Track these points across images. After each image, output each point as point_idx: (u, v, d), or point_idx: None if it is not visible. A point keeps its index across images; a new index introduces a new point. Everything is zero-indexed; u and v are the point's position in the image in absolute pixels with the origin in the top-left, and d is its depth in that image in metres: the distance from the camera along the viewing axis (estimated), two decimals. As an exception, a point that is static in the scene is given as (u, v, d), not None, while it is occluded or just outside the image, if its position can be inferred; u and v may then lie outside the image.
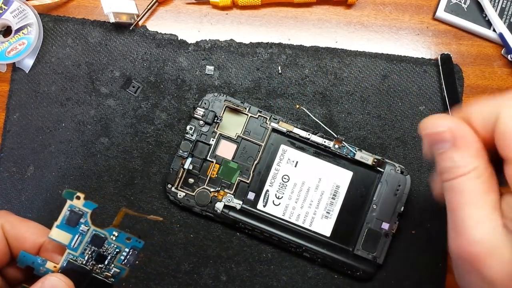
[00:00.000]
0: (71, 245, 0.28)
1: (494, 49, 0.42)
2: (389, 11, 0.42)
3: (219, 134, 0.38)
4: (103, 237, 0.29)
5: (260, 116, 0.39)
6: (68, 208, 0.29)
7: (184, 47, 0.41)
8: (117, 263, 0.29)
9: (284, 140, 0.39)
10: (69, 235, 0.28)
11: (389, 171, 0.38)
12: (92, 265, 0.29)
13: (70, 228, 0.29)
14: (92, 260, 0.29)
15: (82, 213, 0.29)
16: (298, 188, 0.38)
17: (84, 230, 0.29)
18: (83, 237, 0.29)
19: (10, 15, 0.39)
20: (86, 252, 0.29)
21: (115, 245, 0.29)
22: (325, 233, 0.38)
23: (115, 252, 0.29)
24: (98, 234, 0.29)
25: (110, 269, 0.29)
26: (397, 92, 0.41)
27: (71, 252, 0.28)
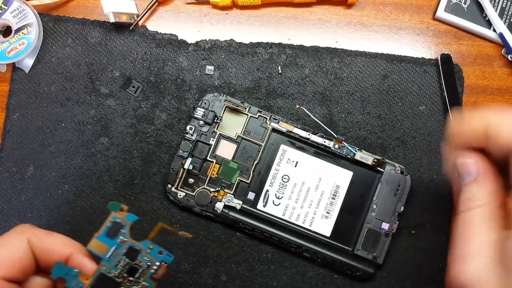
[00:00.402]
0: (107, 256, 0.29)
1: (494, 49, 0.42)
2: (389, 11, 0.42)
3: (219, 134, 0.38)
4: (138, 250, 0.29)
5: (260, 116, 0.39)
6: (111, 220, 0.29)
7: (184, 47, 0.41)
8: (147, 277, 0.29)
9: (284, 140, 0.39)
10: (106, 247, 0.29)
11: (389, 171, 0.38)
12: (122, 278, 0.29)
13: (109, 239, 0.29)
14: (124, 273, 0.29)
15: (122, 225, 0.29)
16: (298, 188, 0.38)
17: (121, 242, 0.29)
18: (119, 249, 0.29)
19: (10, 15, 0.39)
20: (120, 265, 0.29)
21: (148, 259, 0.29)
22: (325, 233, 0.38)
23: (146, 266, 0.29)
24: (133, 246, 0.29)
25: (139, 283, 0.29)
26: (397, 92, 0.41)
27: (105, 264, 0.28)
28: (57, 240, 0.28)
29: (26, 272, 0.27)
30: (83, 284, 0.28)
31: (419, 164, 0.40)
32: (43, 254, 0.27)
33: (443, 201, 0.40)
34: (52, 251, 0.27)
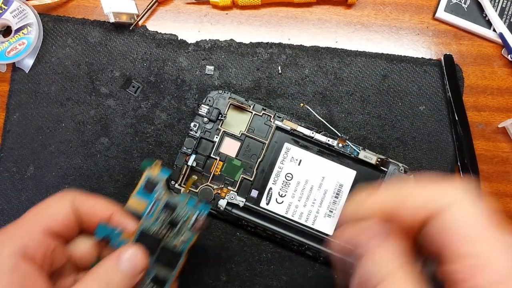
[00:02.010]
0: (146, 213, 0.29)
1: (494, 49, 0.42)
2: (389, 11, 0.43)
3: (223, 131, 0.38)
4: (175, 204, 0.30)
5: (264, 114, 0.39)
6: (146, 178, 0.30)
7: (184, 47, 0.41)
8: (187, 229, 0.30)
9: (288, 138, 0.39)
10: (144, 204, 0.30)
11: (392, 171, 0.38)
12: (163, 233, 0.30)
13: (146, 197, 0.30)
14: (164, 228, 0.30)
15: (157, 181, 0.30)
16: (301, 187, 0.38)
17: (158, 198, 0.30)
18: (156, 205, 0.30)
19: (10, 15, 0.39)
20: (159, 220, 0.29)
21: (185, 211, 0.30)
22: (328, 232, 0.38)
23: (185, 218, 0.30)
24: (170, 201, 0.30)
25: (180, 236, 0.30)
26: (397, 92, 0.41)
27: (145, 221, 0.29)
28: (99, 202, 0.29)
29: (70, 231, 0.28)
30: (127, 241, 0.29)
31: (419, 164, 0.40)
32: (86, 215, 0.28)
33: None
34: (94, 212, 0.28)
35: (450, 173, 0.40)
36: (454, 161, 0.41)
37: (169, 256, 0.30)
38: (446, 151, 0.41)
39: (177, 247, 0.30)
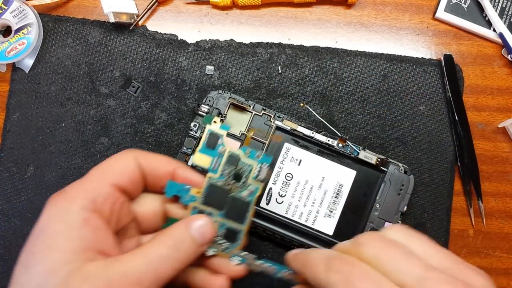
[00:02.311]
0: (211, 167, 0.30)
1: (494, 49, 0.42)
2: (389, 11, 0.43)
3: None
4: (237, 156, 0.30)
5: (264, 114, 0.39)
6: (208, 133, 0.31)
7: (184, 47, 0.41)
8: (252, 181, 0.31)
9: (288, 138, 0.39)
10: (209, 160, 0.30)
11: (392, 171, 0.38)
12: (230, 186, 0.30)
13: (209, 151, 0.30)
14: (230, 180, 0.30)
15: (219, 135, 0.31)
16: (301, 187, 0.38)
17: (221, 151, 0.30)
18: (220, 159, 0.30)
19: (10, 15, 0.39)
20: (225, 173, 0.30)
21: (248, 163, 0.31)
22: (328, 232, 0.38)
23: (249, 170, 0.31)
24: (233, 154, 0.30)
25: (246, 187, 0.31)
26: (397, 92, 0.41)
27: (212, 175, 0.30)
28: (160, 158, 0.29)
29: (136, 187, 0.28)
30: (197, 197, 0.30)
31: (419, 164, 0.40)
32: (149, 171, 0.28)
33: (443, 201, 0.40)
34: (157, 168, 0.29)
35: (450, 173, 0.40)
36: (454, 161, 0.41)
37: (238, 208, 0.30)
38: (446, 151, 0.41)
39: (244, 198, 0.31)
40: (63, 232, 0.24)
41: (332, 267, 0.24)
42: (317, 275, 0.24)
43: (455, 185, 0.41)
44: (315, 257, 0.26)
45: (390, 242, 0.24)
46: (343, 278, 0.23)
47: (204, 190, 0.30)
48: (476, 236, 0.41)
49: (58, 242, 0.23)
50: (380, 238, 0.25)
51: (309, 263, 0.26)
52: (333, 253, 0.25)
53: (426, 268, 0.22)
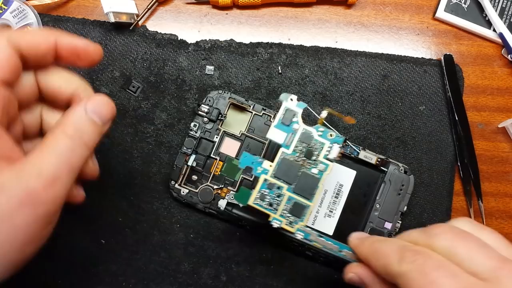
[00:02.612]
0: (285, 143, 0.31)
1: (494, 49, 0.42)
2: (389, 11, 0.43)
3: (223, 131, 0.38)
4: (311, 134, 0.31)
5: (264, 114, 0.39)
6: (284, 109, 0.31)
7: (184, 47, 0.41)
8: (323, 159, 0.32)
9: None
10: (283, 134, 0.31)
11: (392, 171, 0.38)
12: (301, 162, 0.31)
13: (284, 127, 0.31)
14: (302, 157, 0.31)
15: (295, 112, 0.31)
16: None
17: (295, 128, 0.31)
18: (294, 135, 0.31)
19: (10, 15, 0.39)
20: (297, 150, 0.31)
21: (320, 141, 0.32)
22: (328, 232, 0.38)
23: (321, 148, 0.31)
24: (306, 131, 0.32)
25: (317, 164, 0.31)
26: (397, 92, 0.41)
27: (285, 150, 0.31)
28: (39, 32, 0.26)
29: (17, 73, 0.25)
30: (268, 170, 0.31)
31: (419, 164, 0.40)
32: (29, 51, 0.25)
33: (443, 201, 0.40)
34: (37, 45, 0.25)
35: (450, 173, 0.40)
36: (454, 161, 0.41)
37: (306, 184, 0.31)
38: (446, 151, 0.41)
39: (314, 175, 0.31)
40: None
41: (405, 258, 0.24)
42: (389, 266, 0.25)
43: (455, 185, 0.41)
44: (387, 247, 0.26)
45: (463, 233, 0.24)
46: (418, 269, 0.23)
47: (276, 164, 0.31)
48: (476, 236, 0.41)
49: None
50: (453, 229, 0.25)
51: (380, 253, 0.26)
52: (405, 244, 0.25)
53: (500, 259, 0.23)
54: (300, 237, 0.32)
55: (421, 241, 0.25)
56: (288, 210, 0.31)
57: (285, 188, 0.31)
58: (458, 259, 0.23)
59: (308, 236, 0.32)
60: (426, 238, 0.25)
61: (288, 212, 0.32)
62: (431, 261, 0.23)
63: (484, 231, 0.26)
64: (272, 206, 0.31)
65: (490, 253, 0.23)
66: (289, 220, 0.32)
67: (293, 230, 0.32)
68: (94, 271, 0.38)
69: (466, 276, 0.22)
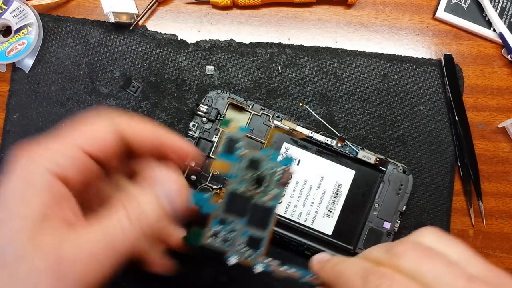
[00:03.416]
0: (232, 173, 0.29)
1: (494, 49, 0.42)
2: (389, 11, 0.43)
3: (222, 131, 0.38)
4: (259, 160, 0.29)
5: (263, 114, 0.39)
6: (226, 137, 0.29)
7: (184, 47, 0.41)
8: (274, 184, 0.29)
9: (287, 138, 0.39)
10: (229, 165, 0.29)
11: (391, 171, 0.38)
12: (252, 191, 0.29)
13: (229, 156, 0.29)
14: (252, 186, 0.29)
15: (237, 139, 0.29)
16: (300, 187, 0.38)
17: (241, 156, 0.29)
18: (241, 163, 0.29)
19: (10, 15, 0.39)
20: (246, 179, 0.29)
21: (270, 166, 0.29)
22: (327, 232, 0.38)
23: (271, 174, 0.29)
24: (253, 157, 0.29)
25: (269, 192, 0.29)
26: (397, 92, 0.41)
27: (232, 182, 0.29)
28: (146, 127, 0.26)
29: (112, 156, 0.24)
30: (217, 206, 0.29)
31: (419, 164, 0.40)
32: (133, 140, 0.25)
33: (443, 201, 0.40)
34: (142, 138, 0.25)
35: (450, 173, 0.40)
36: (454, 161, 0.41)
37: (260, 214, 0.29)
38: (446, 151, 0.41)
39: (267, 204, 0.29)
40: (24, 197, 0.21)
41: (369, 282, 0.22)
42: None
43: (455, 185, 0.41)
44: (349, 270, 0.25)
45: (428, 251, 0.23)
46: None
47: (225, 198, 0.29)
48: (476, 236, 0.41)
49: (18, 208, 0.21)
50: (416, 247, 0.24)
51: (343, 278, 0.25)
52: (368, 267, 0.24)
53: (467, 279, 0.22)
54: (259, 270, 0.30)
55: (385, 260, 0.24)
56: (244, 244, 0.29)
57: (238, 222, 0.29)
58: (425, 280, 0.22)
59: (268, 268, 0.30)
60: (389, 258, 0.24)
61: (245, 246, 0.29)
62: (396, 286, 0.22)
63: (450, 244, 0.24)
64: (227, 242, 0.29)
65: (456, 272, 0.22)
66: (246, 254, 0.30)
67: (252, 263, 0.30)
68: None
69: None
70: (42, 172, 0.22)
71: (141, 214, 0.23)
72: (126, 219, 0.22)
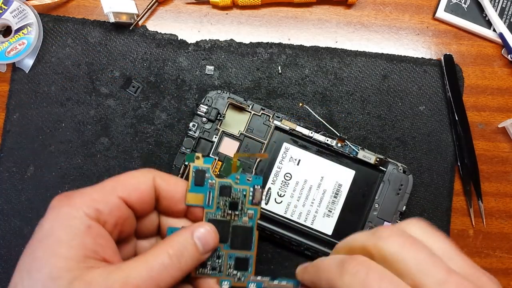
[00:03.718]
0: (206, 203, 0.30)
1: (494, 49, 0.42)
2: (389, 11, 0.43)
3: (222, 131, 0.38)
4: (229, 185, 0.31)
5: (263, 114, 0.39)
6: (193, 170, 0.31)
7: (184, 47, 0.41)
8: (249, 205, 0.31)
9: (287, 138, 0.39)
10: (201, 196, 0.30)
11: (391, 170, 0.38)
12: (229, 216, 0.31)
13: (200, 188, 0.30)
14: (227, 210, 0.31)
15: (205, 170, 0.31)
16: (300, 186, 0.38)
17: (211, 185, 0.31)
18: (213, 192, 0.30)
19: (10, 15, 0.39)
20: (220, 205, 0.30)
21: (240, 189, 0.31)
22: (327, 232, 0.38)
23: (243, 196, 0.31)
24: (223, 184, 0.31)
25: (245, 213, 0.31)
26: (397, 92, 0.41)
27: (208, 210, 0.30)
28: (179, 183, 0.29)
29: (146, 206, 0.28)
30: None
31: (419, 164, 0.40)
32: (165, 194, 0.29)
33: (443, 201, 0.40)
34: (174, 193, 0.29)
35: (450, 173, 0.40)
36: (454, 161, 0.41)
37: (242, 236, 0.31)
38: (446, 151, 0.41)
39: (246, 224, 0.31)
40: (66, 240, 0.24)
41: (347, 269, 0.23)
42: (332, 282, 0.24)
43: (455, 185, 0.41)
44: (327, 263, 0.26)
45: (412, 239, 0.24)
46: (360, 280, 0.22)
47: None
48: (476, 236, 0.41)
49: (61, 249, 0.23)
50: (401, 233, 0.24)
51: (322, 270, 0.26)
52: (345, 257, 0.25)
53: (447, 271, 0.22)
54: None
55: (370, 242, 0.24)
56: (232, 267, 0.31)
57: (222, 248, 0.30)
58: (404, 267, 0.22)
59: (261, 285, 0.31)
60: (374, 240, 0.24)
61: (234, 269, 0.31)
62: (372, 273, 0.22)
63: (435, 237, 0.25)
64: (216, 270, 0.30)
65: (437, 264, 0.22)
66: (237, 277, 0.31)
67: (244, 284, 0.31)
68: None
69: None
70: (81, 216, 0.24)
71: (181, 252, 0.26)
72: (167, 257, 0.25)
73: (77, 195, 0.25)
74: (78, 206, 0.25)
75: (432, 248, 0.23)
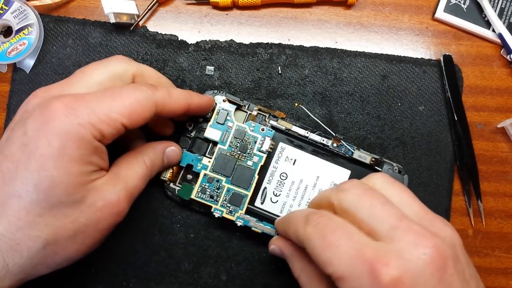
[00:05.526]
0: (221, 140, 0.36)
1: (493, 49, 0.42)
2: (389, 11, 0.43)
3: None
4: (244, 130, 0.36)
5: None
6: (218, 109, 0.36)
7: (184, 48, 0.41)
8: (256, 151, 0.36)
9: (283, 138, 0.39)
10: (219, 132, 0.36)
11: (386, 170, 0.38)
12: (237, 156, 0.36)
13: (219, 126, 0.36)
14: (237, 151, 0.36)
15: (227, 112, 0.36)
16: (296, 186, 0.38)
17: (230, 126, 0.36)
18: (229, 132, 0.36)
19: (10, 15, 0.39)
20: (233, 144, 0.36)
21: (253, 136, 0.36)
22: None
23: (254, 142, 0.36)
24: (240, 128, 0.36)
25: (252, 157, 0.36)
26: (396, 92, 0.41)
27: (221, 147, 0.36)
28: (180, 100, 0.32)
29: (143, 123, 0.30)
30: (207, 165, 0.36)
31: (419, 164, 0.40)
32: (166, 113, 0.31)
33: (443, 201, 0.40)
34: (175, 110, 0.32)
35: (449, 173, 0.40)
36: (454, 161, 0.41)
37: (243, 175, 0.36)
38: (446, 151, 0.41)
39: (250, 167, 0.36)
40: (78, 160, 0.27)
41: (310, 221, 0.26)
42: (297, 231, 0.27)
43: (454, 185, 0.41)
44: (296, 216, 0.29)
45: (370, 189, 0.26)
46: (319, 231, 0.25)
47: (214, 159, 0.36)
48: (475, 236, 0.41)
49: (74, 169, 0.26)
50: (361, 185, 0.27)
51: (291, 220, 0.29)
52: (311, 211, 0.28)
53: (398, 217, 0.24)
54: (240, 224, 0.36)
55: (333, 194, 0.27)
56: (227, 200, 0.35)
57: (223, 181, 0.35)
58: (360, 216, 0.25)
59: (248, 222, 0.36)
60: (336, 192, 0.27)
61: (228, 202, 0.35)
62: (330, 223, 0.25)
63: (394, 188, 0.27)
64: (213, 198, 0.36)
65: (390, 210, 0.24)
66: (229, 209, 0.35)
67: (233, 218, 0.35)
68: (94, 271, 0.38)
69: (361, 237, 0.24)
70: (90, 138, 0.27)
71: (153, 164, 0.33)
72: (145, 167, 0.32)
73: (83, 108, 0.27)
74: (86, 125, 0.26)
75: (390, 197, 0.26)
